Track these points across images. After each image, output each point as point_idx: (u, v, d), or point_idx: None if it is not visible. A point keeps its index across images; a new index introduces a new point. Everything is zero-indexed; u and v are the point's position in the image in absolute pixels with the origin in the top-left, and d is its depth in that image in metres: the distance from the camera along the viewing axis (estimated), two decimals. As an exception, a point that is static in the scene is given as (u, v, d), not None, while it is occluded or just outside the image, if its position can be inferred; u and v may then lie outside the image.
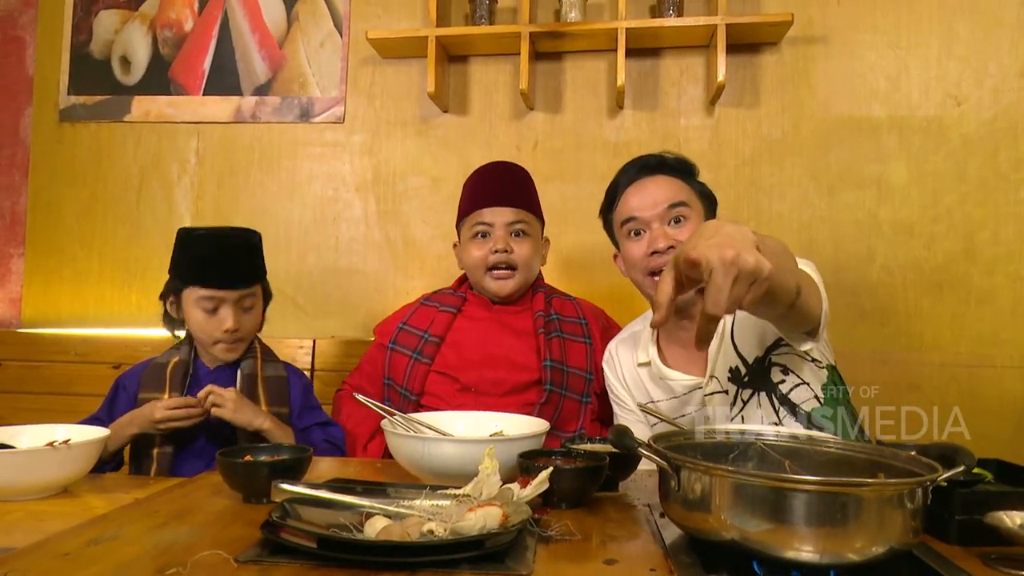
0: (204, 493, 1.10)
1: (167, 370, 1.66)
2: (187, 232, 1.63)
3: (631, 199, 1.47)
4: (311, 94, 2.33)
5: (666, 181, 1.47)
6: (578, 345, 1.68)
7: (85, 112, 2.41)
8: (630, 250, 1.48)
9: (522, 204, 1.71)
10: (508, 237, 1.68)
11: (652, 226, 1.44)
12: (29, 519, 1.03)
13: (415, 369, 1.67)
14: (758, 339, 1.42)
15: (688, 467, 0.86)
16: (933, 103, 2.09)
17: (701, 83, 2.18)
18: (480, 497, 0.97)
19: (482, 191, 1.73)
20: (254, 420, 1.54)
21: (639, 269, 1.46)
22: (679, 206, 1.44)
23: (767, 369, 1.42)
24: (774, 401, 1.43)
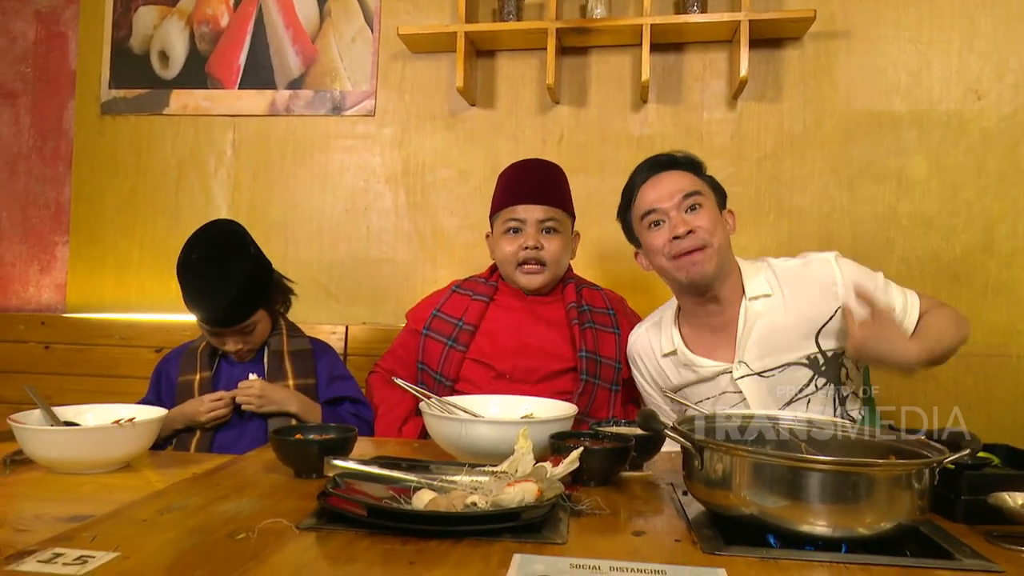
0: (257, 468, 1.18)
1: (197, 353, 1.77)
2: (179, 272, 1.68)
3: (648, 194, 1.56)
4: (343, 88, 2.40)
5: (678, 174, 1.56)
6: (608, 335, 1.75)
7: (125, 105, 2.50)
8: (652, 240, 1.55)
9: (554, 202, 1.77)
10: (539, 234, 1.74)
11: (670, 215, 1.52)
12: (100, 490, 1.12)
13: (450, 356, 1.74)
14: (837, 336, 1.52)
15: (711, 447, 0.93)
16: (954, 97, 2.12)
17: (724, 78, 2.22)
18: (516, 474, 1.05)
19: (516, 188, 1.78)
20: (283, 406, 1.66)
21: (663, 255, 1.54)
22: (693, 195, 1.53)
23: (840, 365, 1.53)
24: (835, 399, 1.53)
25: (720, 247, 1.51)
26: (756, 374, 1.52)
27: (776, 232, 2.18)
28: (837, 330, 1.51)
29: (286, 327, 1.82)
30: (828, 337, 1.52)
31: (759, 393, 1.52)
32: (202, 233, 1.73)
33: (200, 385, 1.72)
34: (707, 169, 1.61)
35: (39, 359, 2.37)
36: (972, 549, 0.86)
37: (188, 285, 1.67)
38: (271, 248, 2.34)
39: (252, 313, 1.68)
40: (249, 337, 1.70)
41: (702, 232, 1.50)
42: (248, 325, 1.68)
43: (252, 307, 1.68)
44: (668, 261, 1.54)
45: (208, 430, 1.64)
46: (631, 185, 1.62)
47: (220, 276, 1.64)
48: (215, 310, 1.64)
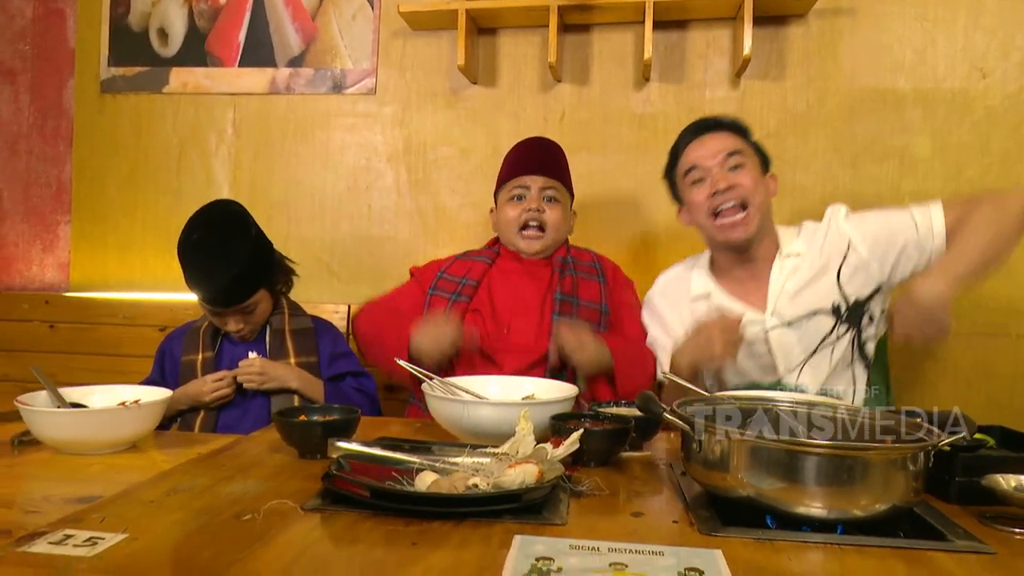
0: (262, 449, 1.20)
1: (200, 333, 1.78)
2: (180, 252, 1.70)
3: (691, 152, 1.64)
4: (343, 66, 2.38)
5: (723, 135, 1.63)
6: (591, 282, 1.84)
7: (125, 84, 2.49)
8: (694, 196, 1.62)
9: (555, 175, 1.88)
10: (541, 200, 1.85)
11: (712, 172, 1.59)
12: (108, 471, 1.14)
13: (454, 307, 1.81)
14: (867, 285, 1.57)
15: (709, 431, 0.94)
16: (959, 75, 2.10)
17: (727, 55, 2.20)
18: (517, 455, 1.06)
19: (522, 160, 1.90)
20: (284, 382, 1.68)
21: (703, 211, 1.61)
22: (736, 154, 1.59)
23: (862, 312, 1.58)
24: (855, 344, 1.58)
25: (760, 207, 1.58)
26: (786, 324, 1.57)
27: (778, 211, 2.13)
28: (854, 269, 1.56)
29: (288, 306, 1.83)
30: (848, 281, 1.57)
31: (787, 344, 1.57)
32: (203, 213, 1.74)
33: (203, 365, 1.73)
34: (753, 134, 1.67)
35: (44, 338, 2.38)
36: (965, 530, 0.88)
37: (189, 265, 1.68)
38: (273, 227, 2.35)
39: (253, 293, 1.69)
40: (250, 317, 1.71)
41: (742, 189, 1.56)
42: (249, 305, 1.69)
43: (253, 287, 1.69)
44: (707, 219, 1.61)
45: (212, 410, 1.66)
46: (677, 145, 1.69)
47: (221, 256, 1.65)
48: (216, 290, 1.65)
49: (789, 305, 1.57)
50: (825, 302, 1.57)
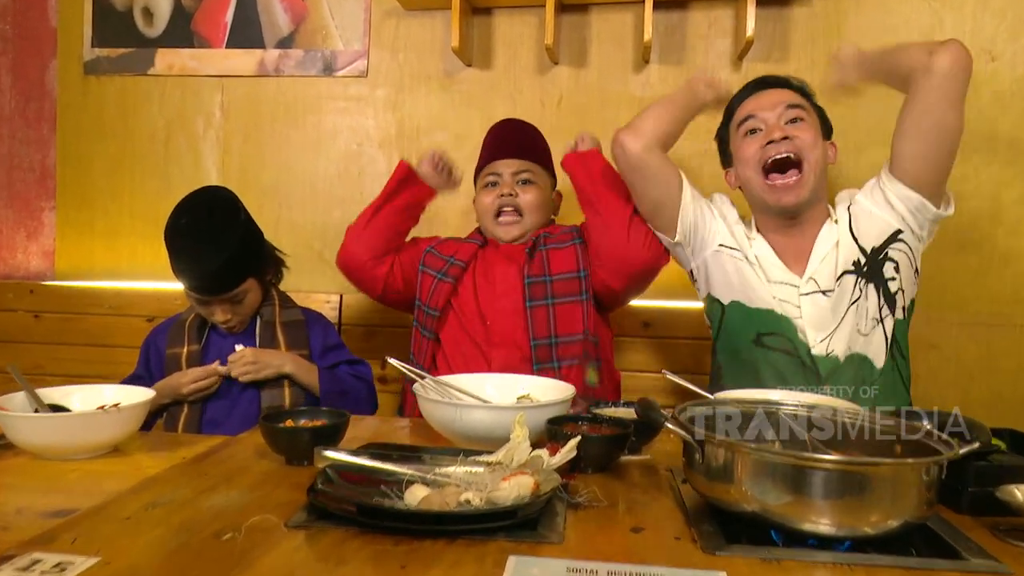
0: (248, 454, 1.16)
1: (185, 326, 1.73)
2: (167, 237, 1.65)
3: (749, 103, 1.59)
4: (334, 47, 2.31)
5: (785, 91, 1.58)
6: (564, 250, 1.75)
7: (109, 65, 2.41)
8: (746, 148, 1.56)
9: (528, 156, 1.84)
10: (514, 184, 1.81)
11: (769, 122, 1.53)
12: (87, 479, 1.10)
13: (439, 288, 1.78)
14: (878, 230, 1.54)
15: (712, 442, 0.90)
16: (967, 58, 2.04)
17: (729, 37, 2.13)
18: (512, 464, 1.02)
19: (493, 145, 1.87)
20: (279, 369, 1.64)
21: (753, 164, 1.53)
22: (797, 107, 1.54)
23: (882, 262, 1.53)
24: (880, 297, 1.54)
25: (815, 167, 1.51)
26: (821, 292, 1.52)
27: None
28: (858, 217, 1.54)
29: (278, 298, 1.79)
30: (860, 232, 1.54)
31: (819, 311, 1.52)
32: (192, 198, 1.69)
33: (188, 358, 1.69)
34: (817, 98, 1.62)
35: (30, 328, 2.33)
36: (979, 547, 0.84)
37: (176, 251, 1.63)
38: (263, 213, 2.29)
39: (242, 281, 1.64)
40: (238, 307, 1.67)
41: (799, 143, 1.50)
42: (237, 294, 1.65)
43: (242, 274, 1.64)
44: (758, 174, 1.53)
45: (196, 404, 1.61)
46: (734, 99, 1.65)
47: (209, 241, 1.60)
48: (203, 276, 1.60)
49: (826, 272, 1.53)
50: (848, 261, 1.53)
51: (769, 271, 1.57)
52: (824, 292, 1.53)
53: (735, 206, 1.69)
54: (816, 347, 1.52)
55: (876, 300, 1.53)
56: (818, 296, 1.53)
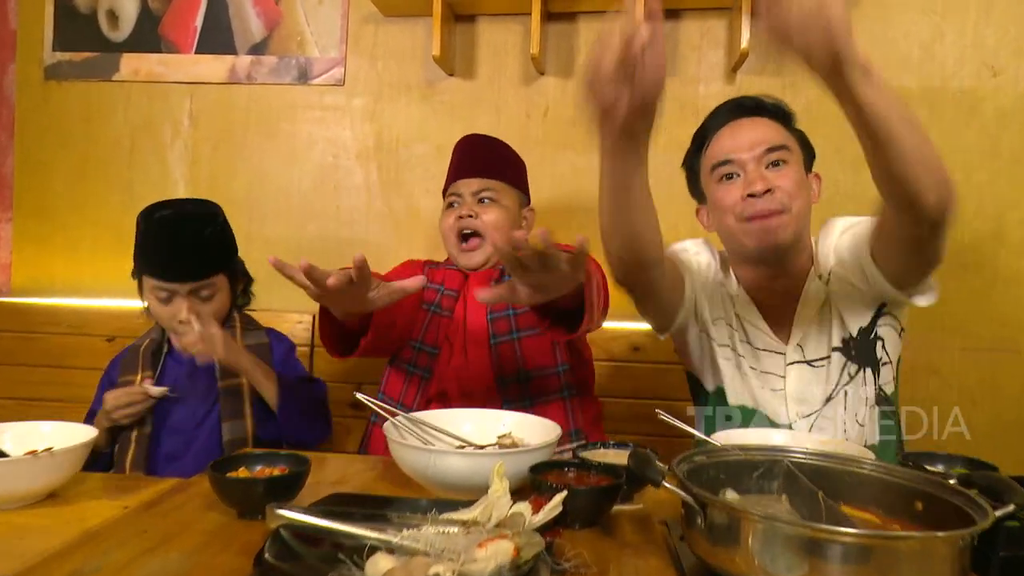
0: (196, 505, 1.04)
1: (140, 352, 1.62)
2: (145, 214, 1.55)
3: (724, 141, 1.37)
4: (309, 54, 2.20)
5: (764, 123, 1.36)
6: None
7: (72, 70, 2.29)
8: (722, 195, 1.35)
9: (490, 174, 1.69)
10: (474, 204, 1.66)
11: (748, 168, 1.32)
12: (9, 535, 0.97)
13: (433, 321, 1.64)
14: (863, 305, 1.35)
15: (716, 506, 0.80)
16: (968, 73, 1.97)
17: (723, 48, 2.05)
18: (489, 522, 0.91)
19: (455, 164, 1.74)
20: (232, 355, 1.51)
21: (732, 215, 1.34)
22: (779, 149, 1.33)
23: (873, 343, 1.36)
24: (872, 379, 1.37)
25: (799, 214, 1.32)
26: (807, 362, 1.37)
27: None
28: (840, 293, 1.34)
29: (240, 320, 1.67)
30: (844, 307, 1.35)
31: (804, 386, 1.36)
32: (165, 202, 1.60)
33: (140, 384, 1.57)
34: (797, 121, 1.42)
35: (-18, 348, 2.20)
36: (1017, 626, 0.74)
37: (148, 231, 1.53)
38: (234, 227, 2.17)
39: (213, 272, 1.55)
40: (203, 306, 1.54)
41: (782, 193, 1.30)
42: (205, 286, 1.54)
43: (215, 264, 1.56)
44: (737, 223, 1.34)
45: (144, 435, 1.49)
46: (705, 128, 1.42)
47: (184, 229, 1.52)
48: (173, 257, 1.50)
49: (813, 339, 1.37)
50: (836, 336, 1.36)
51: (752, 336, 1.41)
52: (811, 363, 1.37)
53: (709, 247, 1.51)
54: (797, 423, 1.37)
55: (872, 387, 1.37)
56: (804, 368, 1.37)
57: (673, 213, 2.09)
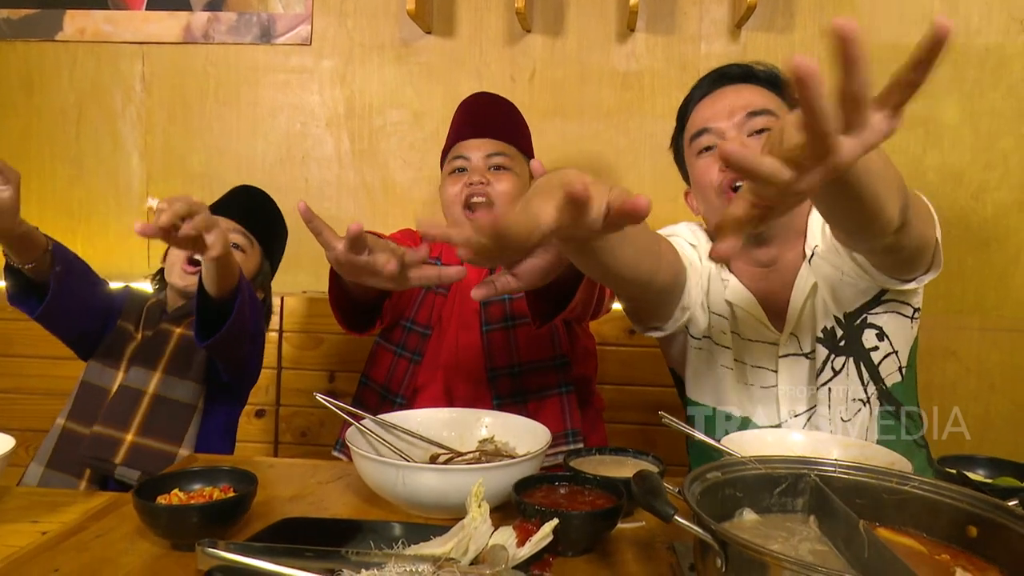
0: (123, 532, 0.88)
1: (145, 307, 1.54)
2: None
3: (704, 110, 1.23)
4: (272, 10, 2.00)
5: (749, 89, 1.21)
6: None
7: (10, 29, 2.08)
8: (701, 170, 1.21)
9: (503, 135, 1.52)
10: (486, 170, 1.48)
11: (727, 136, 1.18)
12: None
13: (426, 298, 1.49)
14: (852, 293, 1.19)
15: (739, 546, 0.65)
16: (995, 28, 1.81)
17: (726, 2, 1.88)
18: (466, 557, 0.77)
19: (460, 124, 1.55)
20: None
21: (712, 190, 1.20)
22: (763, 114, 1.17)
23: (860, 330, 1.20)
24: (863, 372, 1.21)
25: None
26: (803, 354, 1.22)
27: (781, 187, 1.88)
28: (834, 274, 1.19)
29: None
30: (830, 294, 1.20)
31: (795, 381, 1.23)
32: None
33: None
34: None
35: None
36: None
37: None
38: (190, 204, 2.00)
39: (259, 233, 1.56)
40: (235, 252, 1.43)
41: None
42: (246, 243, 1.52)
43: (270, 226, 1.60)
44: (718, 198, 1.20)
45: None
46: (687, 101, 1.28)
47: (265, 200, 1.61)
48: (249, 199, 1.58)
49: (806, 326, 1.22)
50: (809, 327, 1.22)
51: (743, 326, 1.25)
52: (806, 355, 1.22)
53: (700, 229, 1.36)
54: (788, 423, 1.23)
55: (858, 379, 1.22)
56: (799, 360, 1.23)
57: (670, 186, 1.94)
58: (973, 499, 0.77)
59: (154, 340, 1.46)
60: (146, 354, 1.44)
